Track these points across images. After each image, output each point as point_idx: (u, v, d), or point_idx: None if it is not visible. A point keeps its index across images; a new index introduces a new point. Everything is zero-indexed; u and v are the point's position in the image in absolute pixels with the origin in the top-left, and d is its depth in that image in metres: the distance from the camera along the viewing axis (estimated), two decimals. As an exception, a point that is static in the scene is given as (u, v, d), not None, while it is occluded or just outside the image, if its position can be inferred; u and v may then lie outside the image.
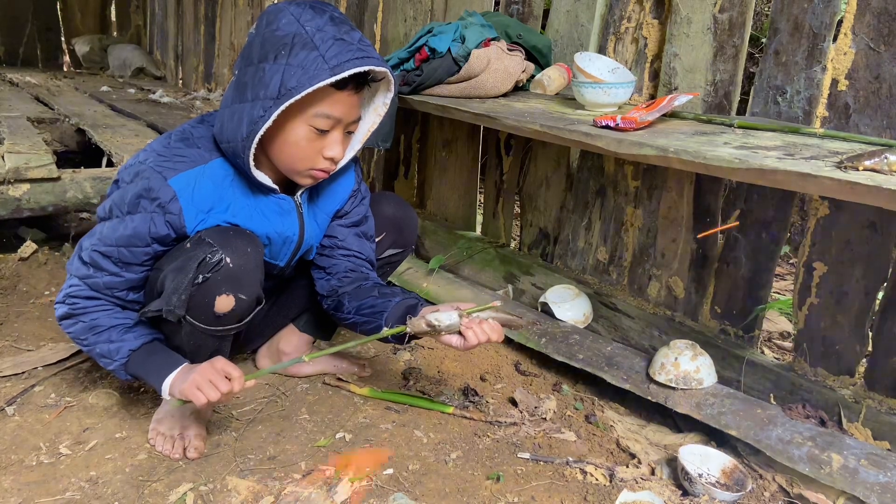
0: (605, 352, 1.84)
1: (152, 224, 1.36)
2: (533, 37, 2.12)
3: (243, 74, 1.35)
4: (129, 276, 1.42)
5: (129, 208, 1.38)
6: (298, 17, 1.31)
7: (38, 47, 5.56)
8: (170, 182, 1.36)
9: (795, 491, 1.46)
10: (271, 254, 1.55)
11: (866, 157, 1.19)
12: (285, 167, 1.45)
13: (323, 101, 1.34)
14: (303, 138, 1.38)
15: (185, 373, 1.38)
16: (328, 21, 1.32)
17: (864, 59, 1.49)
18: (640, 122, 1.52)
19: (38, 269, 2.35)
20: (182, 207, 1.37)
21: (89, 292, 1.43)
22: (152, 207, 1.36)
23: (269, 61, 1.30)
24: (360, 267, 1.66)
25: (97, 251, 1.40)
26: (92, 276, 1.41)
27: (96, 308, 1.44)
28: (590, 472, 1.51)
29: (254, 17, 3.88)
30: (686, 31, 1.78)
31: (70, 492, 1.35)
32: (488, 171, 2.45)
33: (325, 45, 1.29)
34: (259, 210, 1.47)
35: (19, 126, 2.89)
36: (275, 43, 1.31)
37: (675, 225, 1.90)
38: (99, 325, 1.44)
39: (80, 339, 1.46)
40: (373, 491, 1.41)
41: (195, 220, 1.39)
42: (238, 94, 1.35)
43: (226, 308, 1.38)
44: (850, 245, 1.57)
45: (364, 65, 1.31)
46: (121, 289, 1.43)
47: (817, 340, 1.65)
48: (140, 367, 1.44)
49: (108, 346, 1.44)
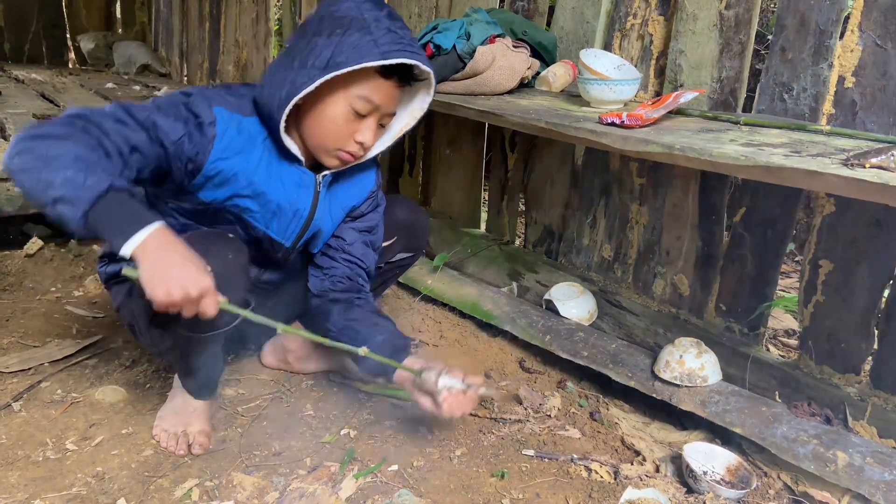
0: (609, 349, 1.84)
1: (180, 131, 1.31)
2: (538, 33, 2.12)
3: (294, 46, 1.39)
4: (129, 135, 1.25)
5: (165, 107, 1.33)
6: (359, 4, 1.37)
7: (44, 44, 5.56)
8: (214, 108, 1.36)
9: (800, 489, 1.46)
10: (279, 229, 1.52)
11: (873, 155, 1.18)
12: (315, 142, 1.45)
13: (367, 84, 1.38)
14: (340, 115, 1.40)
15: (159, 245, 1.13)
16: (386, 15, 1.38)
17: (871, 56, 1.49)
18: (645, 119, 1.51)
19: (44, 265, 2.36)
20: (216, 136, 1.35)
21: (82, 121, 1.21)
22: (189, 119, 1.34)
23: (323, 36, 1.34)
24: (357, 276, 1.65)
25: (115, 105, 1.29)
26: (95, 112, 1.25)
27: (80, 138, 1.17)
28: (594, 470, 1.51)
29: (259, 13, 3.87)
30: (692, 27, 1.78)
31: (76, 487, 1.36)
32: (493, 169, 2.45)
33: (378, 33, 1.34)
34: (279, 175, 1.46)
35: (25, 123, 2.90)
36: (332, 22, 1.36)
37: (680, 222, 1.89)
38: (73, 155, 1.13)
39: (33, 168, 1.13)
40: (377, 487, 1.41)
41: (218, 157, 1.36)
42: (286, 61, 1.38)
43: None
44: (856, 243, 1.56)
45: (412, 59, 1.36)
46: (115, 136, 1.22)
47: (823, 338, 1.64)
48: (104, 214, 1.12)
49: (78, 177, 1.11)
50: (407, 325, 2.15)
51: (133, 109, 1.28)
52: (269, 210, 1.47)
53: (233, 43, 4.23)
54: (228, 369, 1.82)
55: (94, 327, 1.99)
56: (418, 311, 2.22)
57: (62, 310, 2.08)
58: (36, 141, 1.15)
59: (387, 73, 1.39)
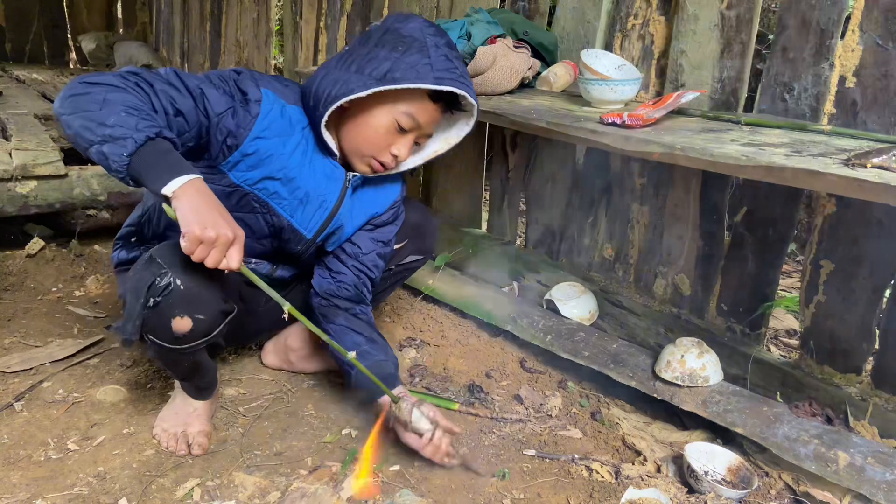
0: (610, 349, 1.84)
1: (226, 104, 1.37)
2: (539, 33, 2.12)
3: (354, 52, 1.47)
4: (176, 99, 1.30)
5: (216, 80, 1.39)
6: (424, 28, 1.47)
7: (45, 44, 5.57)
8: (262, 89, 1.43)
9: (802, 489, 1.46)
10: (303, 218, 1.54)
11: (874, 155, 1.18)
12: (352, 145, 1.51)
13: (415, 103, 1.47)
14: (382, 126, 1.47)
15: (199, 191, 1.18)
16: (445, 43, 1.47)
17: (872, 55, 1.49)
18: (646, 119, 1.51)
19: (46, 265, 2.36)
20: (260, 114, 1.40)
21: (136, 77, 1.27)
22: (236, 94, 1.40)
23: (385, 49, 1.43)
24: (363, 286, 1.67)
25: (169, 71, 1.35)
26: (149, 73, 1.31)
27: (133, 90, 1.24)
28: (595, 470, 1.51)
29: (259, 13, 3.87)
30: (693, 27, 1.78)
31: (78, 487, 1.36)
32: (494, 168, 2.45)
33: (436, 59, 1.43)
34: (311, 165, 1.51)
35: (26, 123, 2.90)
36: (396, 38, 1.44)
37: (681, 222, 1.89)
38: (128, 103, 1.20)
39: (87, 110, 1.18)
40: (379, 487, 1.41)
41: (257, 135, 1.40)
42: (343, 64, 1.46)
43: (184, 329, 1.32)
44: (857, 243, 1.56)
45: (462, 89, 1.45)
46: (164, 97, 1.28)
47: (824, 338, 1.64)
48: (149, 158, 1.16)
49: (130, 120, 1.16)
50: (408, 324, 2.15)
51: (185, 76, 1.35)
52: (296, 197, 1.50)
53: (234, 43, 4.23)
54: (229, 369, 1.82)
55: (96, 327, 1.99)
56: (419, 310, 2.23)
57: (63, 310, 2.08)
58: (93, 86, 1.21)
59: (435, 97, 1.48)
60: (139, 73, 1.29)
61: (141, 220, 1.63)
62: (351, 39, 3.03)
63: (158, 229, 1.58)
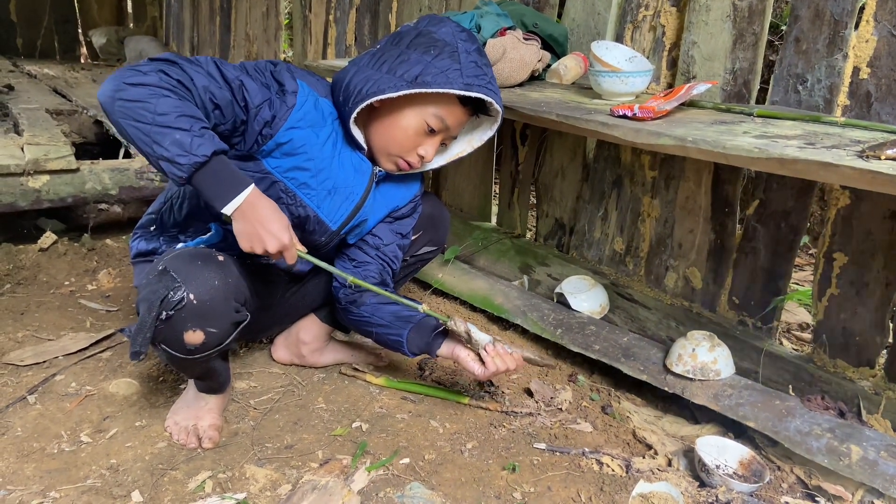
0: (621, 342, 1.83)
1: (264, 96, 1.40)
2: (549, 25, 2.11)
3: (387, 51, 1.50)
4: (215, 93, 1.34)
5: (253, 71, 1.42)
6: (457, 34, 1.50)
7: (56, 39, 5.60)
8: (298, 80, 1.46)
9: (814, 483, 1.45)
10: (329, 210, 1.56)
11: (889, 146, 1.17)
12: (380, 144, 1.55)
13: (444, 106, 1.50)
14: (411, 127, 1.50)
15: (251, 205, 1.31)
16: (476, 51, 1.51)
17: (887, 46, 1.47)
18: (657, 111, 1.50)
19: (58, 259, 2.37)
20: (296, 105, 1.43)
21: (177, 71, 1.30)
22: (273, 86, 1.42)
23: (418, 52, 1.46)
24: (387, 276, 1.70)
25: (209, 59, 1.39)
26: (189, 65, 1.33)
27: (178, 92, 1.29)
28: (606, 463, 1.51)
29: (269, 7, 3.88)
30: (705, 18, 1.76)
31: (91, 479, 1.37)
32: (504, 162, 2.44)
33: (466, 65, 1.47)
34: (340, 158, 1.54)
35: (38, 118, 2.92)
36: (429, 41, 1.48)
37: (692, 215, 1.88)
38: (178, 112, 1.26)
39: (139, 121, 1.24)
40: (389, 480, 1.42)
41: (292, 126, 1.43)
42: (375, 63, 1.49)
43: (196, 342, 1.33)
44: (870, 235, 1.55)
45: (489, 96, 1.48)
46: (202, 92, 1.32)
47: (837, 331, 1.63)
48: (206, 178, 1.28)
49: (185, 140, 1.24)
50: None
51: (224, 67, 1.38)
52: (325, 188, 1.53)
53: (243, 37, 4.23)
54: (240, 363, 1.83)
55: (108, 321, 2.01)
56: (429, 304, 2.22)
57: (76, 303, 2.10)
58: (138, 89, 1.25)
59: (464, 100, 1.52)
60: (178, 64, 1.31)
61: (162, 209, 1.63)
62: (360, 33, 3.03)
63: (179, 217, 1.59)
